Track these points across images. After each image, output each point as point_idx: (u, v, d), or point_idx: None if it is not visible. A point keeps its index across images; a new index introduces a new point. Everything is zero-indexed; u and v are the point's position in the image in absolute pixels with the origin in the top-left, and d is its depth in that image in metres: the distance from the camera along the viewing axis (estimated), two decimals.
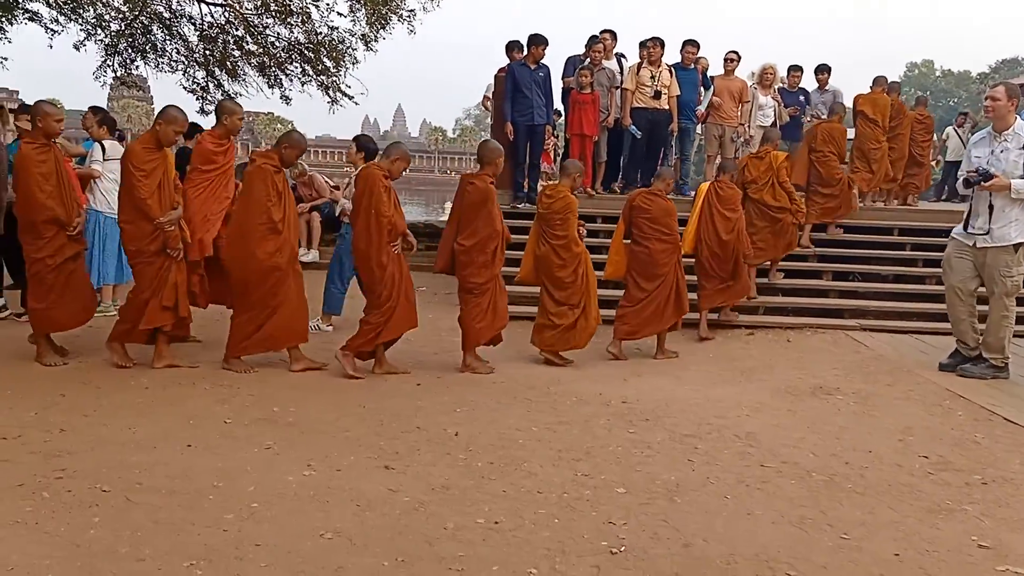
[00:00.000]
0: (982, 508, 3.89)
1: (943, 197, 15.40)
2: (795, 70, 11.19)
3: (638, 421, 5.07)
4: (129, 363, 5.76)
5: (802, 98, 11.14)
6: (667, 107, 9.96)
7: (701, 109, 10.52)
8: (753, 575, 3.14)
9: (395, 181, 5.94)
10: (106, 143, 7.45)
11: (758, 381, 6.29)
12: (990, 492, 4.12)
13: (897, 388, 6.13)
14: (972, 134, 9.58)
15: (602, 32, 10.30)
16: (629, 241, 7.16)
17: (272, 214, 5.73)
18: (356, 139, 7.53)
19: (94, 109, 7.85)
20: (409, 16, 12.68)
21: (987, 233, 6.17)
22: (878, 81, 10.60)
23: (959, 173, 6.72)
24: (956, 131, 15.51)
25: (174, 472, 3.87)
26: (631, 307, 6.99)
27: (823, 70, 11.16)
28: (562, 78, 10.30)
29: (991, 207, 6.14)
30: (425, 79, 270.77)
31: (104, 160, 7.34)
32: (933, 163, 13.52)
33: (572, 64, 10.36)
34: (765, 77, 10.97)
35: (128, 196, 5.62)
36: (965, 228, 6.35)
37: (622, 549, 3.30)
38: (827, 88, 11.08)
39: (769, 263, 8.72)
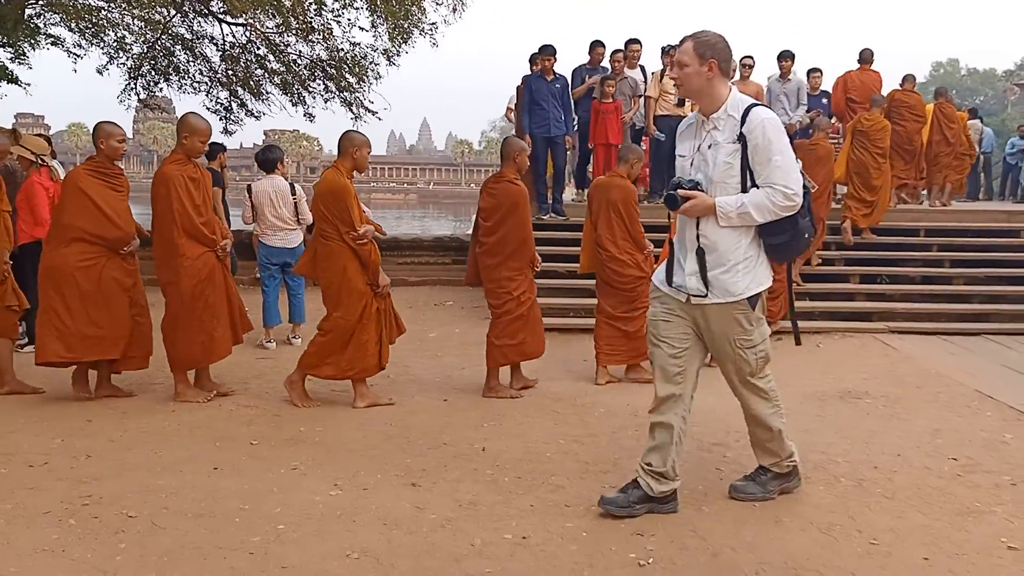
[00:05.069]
0: (1012, 509, 3.85)
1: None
2: (815, 72, 11.09)
3: None
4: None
5: (824, 101, 11.03)
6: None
7: None
8: None
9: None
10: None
11: (786, 387, 6.15)
12: (1020, 493, 4.07)
13: (926, 390, 6.06)
14: None
15: (629, 42, 10.29)
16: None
17: None
18: None
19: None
20: (431, 30, 12.70)
21: (702, 282, 3.65)
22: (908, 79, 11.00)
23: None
24: None
25: (200, 495, 3.89)
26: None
27: (786, 57, 10.78)
28: (571, 89, 10.30)
29: (699, 239, 3.66)
30: (450, 92, 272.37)
31: None
32: None
33: (578, 74, 10.35)
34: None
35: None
36: (668, 279, 3.79)
37: (650, 561, 3.29)
38: (790, 78, 10.83)
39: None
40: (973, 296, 8.95)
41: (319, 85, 13.48)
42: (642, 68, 10.42)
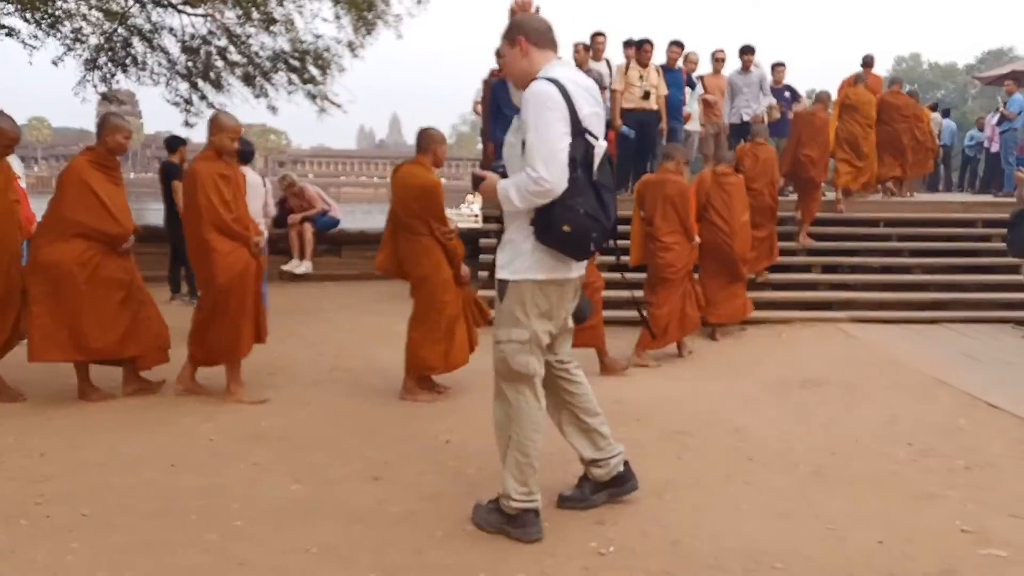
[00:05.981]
0: (965, 493, 3.92)
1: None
2: (779, 66, 11.18)
3: (630, 420, 5.05)
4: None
5: (787, 94, 11.12)
6: (656, 107, 9.95)
7: (687, 109, 10.53)
8: (740, 569, 3.14)
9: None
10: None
11: (749, 376, 6.29)
12: (972, 477, 4.15)
13: (884, 378, 6.16)
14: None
15: (595, 34, 10.30)
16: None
17: None
18: None
19: None
20: (395, 21, 12.62)
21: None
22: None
23: None
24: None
25: (157, 493, 3.83)
26: None
27: (747, 51, 10.76)
28: None
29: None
30: (419, 86, 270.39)
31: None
32: None
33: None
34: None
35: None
36: None
37: (611, 549, 3.30)
38: (751, 71, 10.86)
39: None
40: (931, 285, 9.09)
41: (282, 77, 13.33)
42: (607, 61, 10.43)
